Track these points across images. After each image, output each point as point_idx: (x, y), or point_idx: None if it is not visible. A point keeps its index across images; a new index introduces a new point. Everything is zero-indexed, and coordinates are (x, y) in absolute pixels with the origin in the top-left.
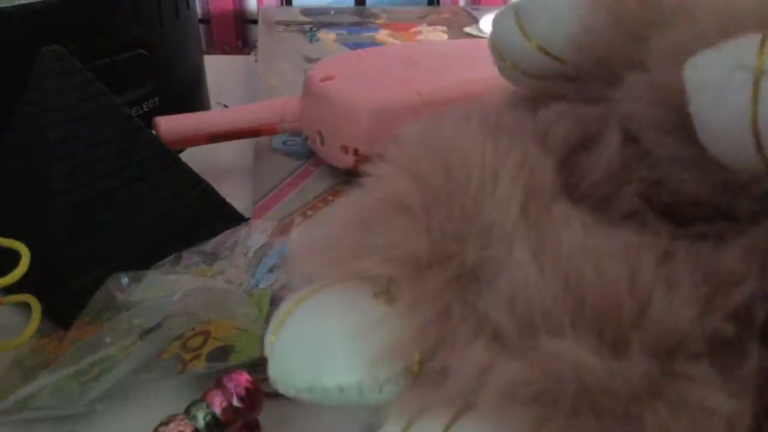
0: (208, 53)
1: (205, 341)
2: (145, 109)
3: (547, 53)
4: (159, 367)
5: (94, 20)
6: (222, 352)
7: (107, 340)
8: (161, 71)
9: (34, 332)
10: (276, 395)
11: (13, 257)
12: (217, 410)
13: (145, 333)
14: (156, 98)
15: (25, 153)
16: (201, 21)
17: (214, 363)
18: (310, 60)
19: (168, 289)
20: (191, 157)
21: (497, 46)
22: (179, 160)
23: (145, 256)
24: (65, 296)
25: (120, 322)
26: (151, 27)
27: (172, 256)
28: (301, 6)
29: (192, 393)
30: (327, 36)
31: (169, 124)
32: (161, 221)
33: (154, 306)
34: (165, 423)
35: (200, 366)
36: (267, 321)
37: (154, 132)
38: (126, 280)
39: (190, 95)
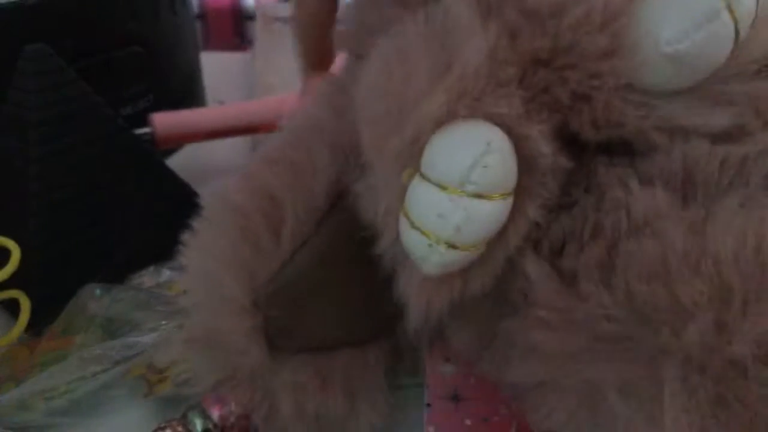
0: (205, 50)
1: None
2: (141, 107)
3: None
4: (127, 385)
5: (89, 16)
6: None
7: (77, 363)
8: (157, 68)
9: (23, 329)
10: None
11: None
12: (215, 415)
13: (116, 363)
14: (151, 95)
15: (6, 152)
16: (197, 17)
17: (182, 387)
18: None
19: (144, 305)
20: (186, 155)
21: None
22: (163, 163)
23: (123, 264)
24: (38, 301)
25: (92, 349)
26: (147, 23)
27: (151, 268)
28: None
29: (163, 411)
30: None
31: (164, 121)
32: (141, 227)
33: (130, 343)
34: (162, 428)
35: (167, 390)
36: None
37: (149, 128)
38: (100, 291)
39: (186, 92)
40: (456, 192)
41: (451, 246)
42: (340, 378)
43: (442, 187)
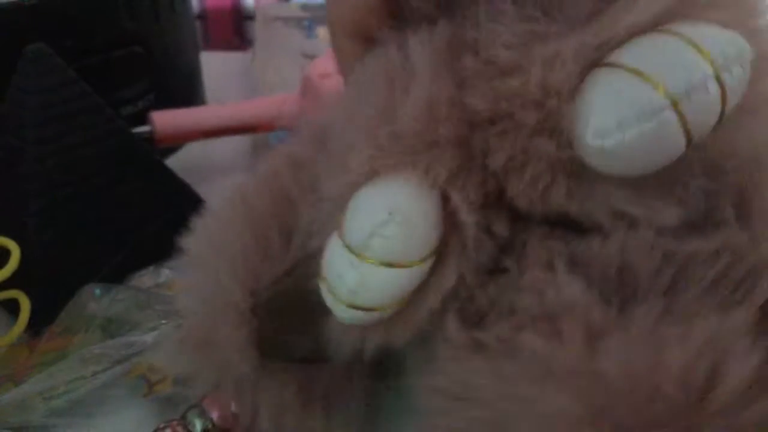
0: (205, 50)
1: None
2: (141, 107)
3: None
4: (127, 385)
5: (89, 16)
6: None
7: (76, 363)
8: (157, 68)
9: (23, 329)
10: None
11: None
12: (215, 415)
13: (116, 362)
14: (151, 95)
15: (6, 151)
16: (197, 17)
17: (182, 387)
18: (308, 56)
19: (143, 305)
20: (188, 154)
21: None
22: (163, 163)
23: (123, 264)
24: (38, 301)
25: (91, 349)
26: (147, 23)
27: (151, 268)
28: (300, 1)
29: (163, 411)
30: (326, 32)
31: (164, 120)
32: (141, 226)
33: (129, 342)
34: (161, 428)
35: (167, 390)
36: None
37: (148, 127)
38: (99, 291)
39: (187, 92)
40: (356, 256)
41: (351, 306)
42: (321, 394)
43: (347, 248)
